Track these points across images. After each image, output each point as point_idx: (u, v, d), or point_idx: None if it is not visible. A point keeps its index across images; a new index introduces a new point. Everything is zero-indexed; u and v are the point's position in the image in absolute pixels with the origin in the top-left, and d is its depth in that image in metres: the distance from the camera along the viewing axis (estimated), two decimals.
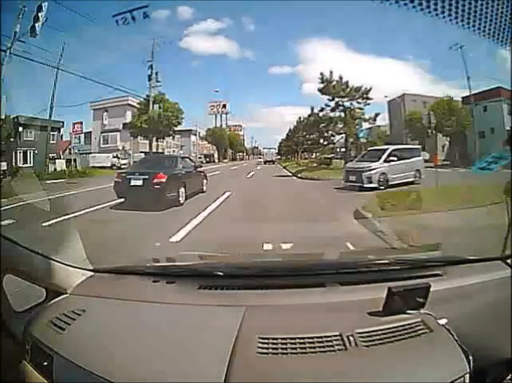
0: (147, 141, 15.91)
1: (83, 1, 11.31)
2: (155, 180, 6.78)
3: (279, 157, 25.52)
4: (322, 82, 13.25)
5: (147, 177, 6.84)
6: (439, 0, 2.45)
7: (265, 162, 21.07)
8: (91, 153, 16.73)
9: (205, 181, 8.98)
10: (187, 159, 9.07)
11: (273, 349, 0.86)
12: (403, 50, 17.32)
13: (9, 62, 10.15)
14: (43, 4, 10.16)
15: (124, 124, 16.80)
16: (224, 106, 19.51)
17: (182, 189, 7.16)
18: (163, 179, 6.83)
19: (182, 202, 7.12)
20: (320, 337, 0.88)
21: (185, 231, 4.70)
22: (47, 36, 10.74)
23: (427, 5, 2.57)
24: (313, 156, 21.83)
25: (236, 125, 23.27)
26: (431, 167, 9.79)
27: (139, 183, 6.83)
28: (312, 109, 15.14)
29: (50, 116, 13.66)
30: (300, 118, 18.60)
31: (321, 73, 13.21)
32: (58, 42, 11.89)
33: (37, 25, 10.09)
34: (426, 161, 10.42)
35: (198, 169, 9.08)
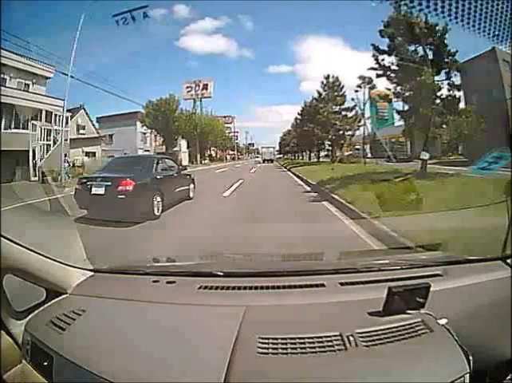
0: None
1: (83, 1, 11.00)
2: (120, 188, 5.47)
3: (280, 156, 22.90)
4: None
5: (109, 184, 5.55)
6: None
7: (263, 161, 21.04)
8: None
9: (192, 186, 7.71)
10: (168, 160, 7.60)
11: (273, 349, 0.86)
12: None
13: None
14: None
15: None
16: (205, 87, 14.24)
17: (157, 198, 5.88)
18: (130, 187, 5.51)
19: (157, 214, 5.82)
20: (320, 337, 0.88)
21: None
22: None
23: (426, 6, 2.57)
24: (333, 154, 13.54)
25: (226, 116, 17.95)
26: None
27: (101, 191, 5.53)
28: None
29: None
30: (328, 77, 11.21)
31: None
32: None
33: None
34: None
35: (183, 172, 7.69)
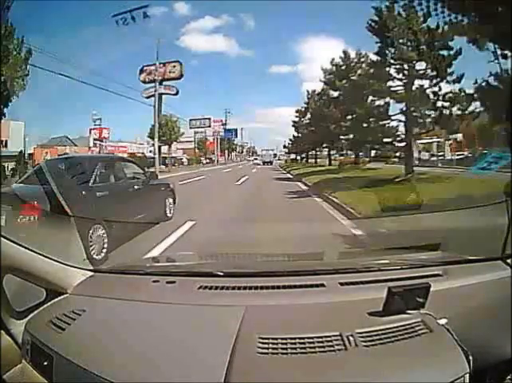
0: None
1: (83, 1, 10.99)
2: (19, 219, 3.30)
3: (292, 157, 21.80)
4: None
5: (10, 209, 3.33)
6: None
7: (263, 163, 21.21)
8: None
9: (170, 200, 5.48)
10: (128, 164, 5.13)
11: (273, 349, 0.86)
12: None
13: None
14: None
15: None
16: None
17: (98, 231, 3.59)
18: (33, 217, 3.30)
19: (98, 258, 3.50)
20: (320, 337, 0.88)
21: None
22: None
23: (426, 6, 2.59)
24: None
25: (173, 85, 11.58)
26: None
27: (3, 221, 3.22)
28: None
29: None
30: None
31: None
32: None
33: None
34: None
35: (155, 181, 5.38)
